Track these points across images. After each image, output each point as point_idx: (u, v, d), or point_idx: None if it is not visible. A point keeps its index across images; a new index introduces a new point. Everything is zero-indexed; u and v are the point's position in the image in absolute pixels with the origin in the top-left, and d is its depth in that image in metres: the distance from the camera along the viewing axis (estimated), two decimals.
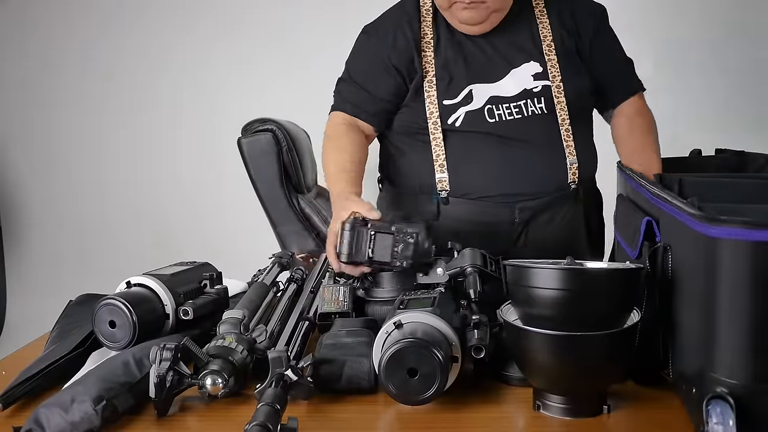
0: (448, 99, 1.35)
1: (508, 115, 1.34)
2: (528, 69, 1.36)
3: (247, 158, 2.09)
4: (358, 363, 0.86)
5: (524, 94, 1.34)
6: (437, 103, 1.35)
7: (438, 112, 1.35)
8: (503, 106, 1.34)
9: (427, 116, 1.35)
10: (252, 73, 3.06)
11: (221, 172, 2.95)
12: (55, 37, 3.15)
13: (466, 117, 1.34)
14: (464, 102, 1.35)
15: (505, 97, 1.34)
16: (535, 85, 1.35)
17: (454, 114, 1.35)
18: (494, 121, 1.33)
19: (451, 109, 1.35)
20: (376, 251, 0.98)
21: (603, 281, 0.80)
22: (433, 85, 1.36)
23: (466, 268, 1.01)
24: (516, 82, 1.35)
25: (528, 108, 1.34)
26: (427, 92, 1.36)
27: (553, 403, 0.80)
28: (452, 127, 1.35)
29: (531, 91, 1.34)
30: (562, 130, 1.35)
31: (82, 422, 0.77)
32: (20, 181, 3.29)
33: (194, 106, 3.11)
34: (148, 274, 1.05)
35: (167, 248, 2.19)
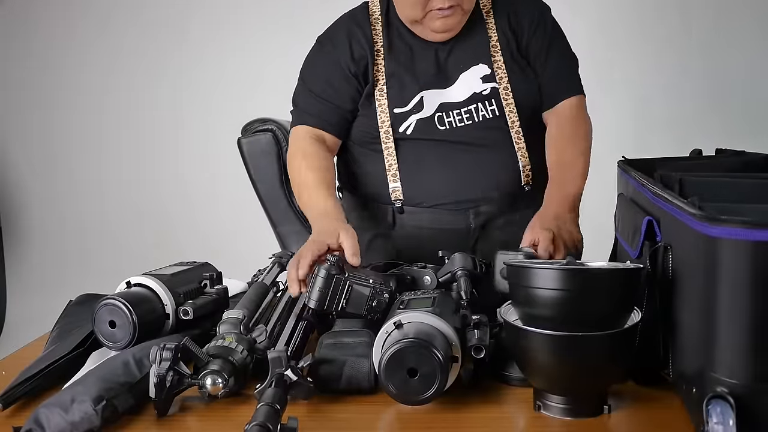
0: (399, 107, 1.34)
1: (458, 121, 1.34)
2: (476, 72, 1.35)
3: (247, 158, 2.09)
4: (358, 363, 0.86)
5: (474, 98, 1.34)
6: (388, 112, 1.34)
7: (389, 120, 1.34)
8: (453, 112, 1.34)
9: (378, 125, 1.35)
10: (252, 73, 3.06)
11: (221, 172, 2.95)
12: (54, 37, 3.15)
13: (417, 125, 1.34)
14: (415, 109, 1.34)
15: (454, 102, 1.34)
16: (483, 87, 1.35)
17: (405, 122, 1.34)
18: (445, 129, 1.33)
19: (402, 117, 1.34)
20: (350, 303, 0.94)
21: (603, 281, 0.79)
22: (384, 93, 1.35)
23: (456, 271, 1.01)
24: (465, 87, 1.35)
25: (479, 113, 1.34)
26: (378, 101, 1.35)
27: (553, 404, 0.80)
28: (404, 135, 1.34)
29: (480, 94, 1.34)
30: (513, 133, 1.34)
31: (82, 422, 0.77)
32: (20, 181, 3.29)
33: (194, 106, 3.11)
34: (148, 274, 1.05)
35: (167, 248, 2.20)
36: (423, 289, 1.01)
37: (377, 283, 0.95)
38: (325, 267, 0.94)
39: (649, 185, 0.90)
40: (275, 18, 3.04)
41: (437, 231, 1.36)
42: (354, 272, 0.97)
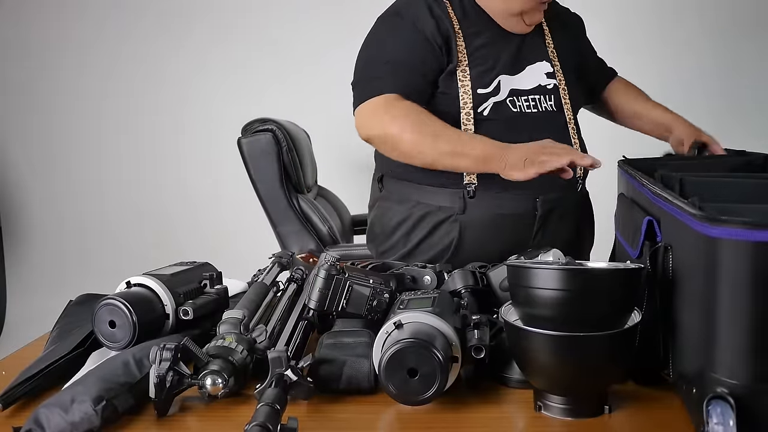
0: (482, 88, 1.35)
1: (526, 108, 1.37)
2: (541, 67, 1.41)
3: (247, 158, 2.09)
4: (358, 363, 0.85)
5: (538, 89, 1.39)
6: (471, 93, 1.34)
7: (472, 101, 1.34)
8: (522, 98, 1.37)
9: (461, 105, 1.34)
10: (252, 73, 3.07)
11: (221, 172, 2.95)
12: (54, 39, 3.15)
13: (493, 107, 1.36)
14: (494, 93, 1.36)
15: (522, 89, 1.38)
16: (548, 82, 1.40)
17: (484, 103, 1.35)
18: (516, 112, 1.36)
19: (483, 99, 1.35)
20: (350, 303, 0.94)
21: (603, 281, 0.80)
22: (468, 73, 1.35)
23: (460, 290, 1.01)
24: (532, 77, 1.39)
25: (541, 103, 1.38)
26: (461, 81, 1.35)
27: (553, 404, 0.80)
28: (481, 116, 1.35)
29: (545, 87, 1.40)
30: (570, 128, 1.40)
31: (82, 422, 0.76)
32: (21, 181, 3.29)
33: (194, 107, 3.12)
34: (148, 274, 1.05)
35: (167, 248, 2.20)
36: (423, 289, 1.01)
37: (377, 283, 0.95)
38: (324, 267, 0.94)
39: (649, 185, 0.90)
40: (276, 18, 3.04)
41: (505, 217, 1.37)
42: (354, 272, 0.97)
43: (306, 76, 2.98)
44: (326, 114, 2.82)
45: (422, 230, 1.42)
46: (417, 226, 1.43)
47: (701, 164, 1.28)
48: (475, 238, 1.39)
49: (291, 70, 3.03)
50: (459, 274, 1.03)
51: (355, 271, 0.98)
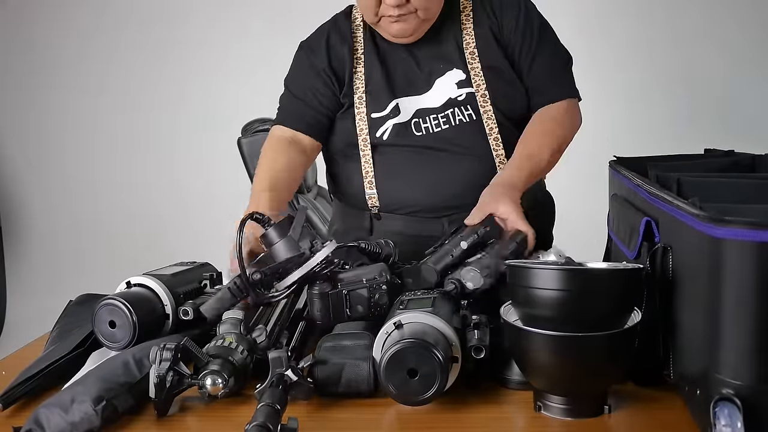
0: (376, 112, 1.35)
1: (435, 126, 1.33)
2: (451, 77, 1.34)
3: (247, 158, 2.09)
4: (357, 367, 0.85)
5: (449, 103, 1.33)
6: (366, 118, 1.34)
7: (367, 127, 1.34)
8: (430, 117, 1.33)
9: (357, 132, 1.35)
10: (252, 72, 3.06)
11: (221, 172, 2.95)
12: (51, 37, 3.15)
13: (393, 129, 1.34)
14: (392, 114, 1.34)
15: (431, 108, 1.34)
16: (459, 93, 1.33)
17: (382, 126, 1.34)
18: (421, 134, 1.33)
19: (380, 122, 1.34)
20: (353, 309, 0.94)
21: (603, 281, 0.79)
22: (363, 100, 1.35)
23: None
24: (441, 92, 1.34)
25: (455, 117, 1.33)
26: (357, 108, 1.35)
27: (553, 404, 0.80)
28: (380, 140, 1.34)
29: (456, 99, 1.33)
30: (491, 139, 1.33)
31: (82, 422, 0.77)
32: (20, 182, 3.29)
33: (194, 106, 3.12)
34: (148, 274, 1.05)
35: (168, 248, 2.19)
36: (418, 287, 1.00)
37: (371, 278, 0.94)
38: (316, 287, 0.93)
39: (645, 185, 0.90)
40: (275, 17, 3.04)
41: (413, 237, 1.33)
42: (344, 277, 0.96)
43: None
44: None
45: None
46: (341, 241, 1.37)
47: (693, 164, 1.27)
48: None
49: None
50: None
51: (343, 273, 0.97)
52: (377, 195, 1.35)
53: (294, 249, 0.98)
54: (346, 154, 1.39)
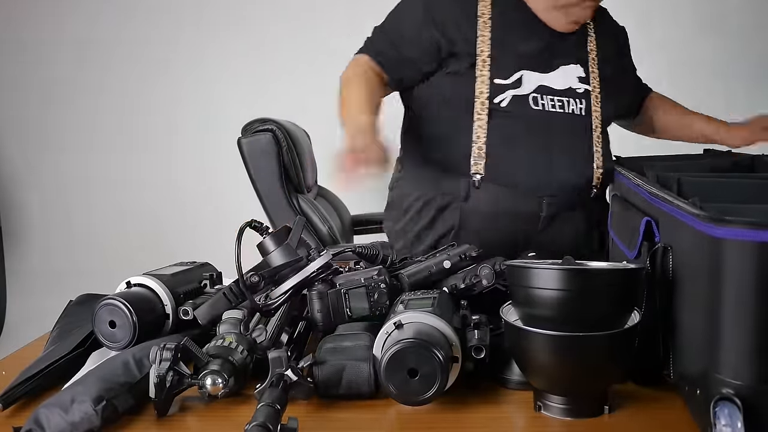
0: (500, 78, 1.34)
1: (551, 106, 1.35)
2: (574, 70, 1.39)
3: (247, 158, 2.09)
4: (357, 368, 0.85)
5: (569, 91, 1.37)
6: (488, 83, 1.34)
7: (488, 91, 1.34)
8: (548, 97, 1.36)
9: (476, 95, 1.34)
10: (252, 72, 3.06)
11: (221, 171, 2.95)
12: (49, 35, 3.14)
13: (512, 99, 1.34)
14: (514, 85, 1.35)
15: (552, 88, 1.36)
16: (579, 86, 1.38)
17: (502, 94, 1.34)
18: (538, 109, 1.35)
19: (501, 89, 1.34)
20: (353, 310, 0.93)
21: (603, 281, 0.79)
22: (487, 64, 1.35)
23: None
24: (564, 78, 1.38)
25: (569, 105, 1.37)
26: (480, 70, 1.34)
27: (553, 404, 0.80)
28: (497, 107, 1.34)
29: (575, 90, 1.38)
30: (595, 136, 1.38)
31: (82, 422, 0.77)
32: (20, 182, 3.29)
33: (194, 106, 3.11)
34: (148, 274, 1.05)
35: (168, 248, 2.19)
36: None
37: (369, 277, 0.94)
38: (315, 288, 0.94)
39: (645, 185, 0.90)
40: (276, 17, 3.04)
41: (509, 212, 1.36)
42: (343, 278, 0.96)
43: (306, 76, 2.98)
44: (326, 114, 2.81)
45: (428, 214, 1.43)
46: (423, 209, 1.44)
47: (693, 164, 1.28)
48: (474, 230, 1.37)
49: (291, 70, 3.02)
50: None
51: (344, 276, 0.97)
52: (484, 162, 1.34)
53: (291, 257, 0.98)
54: (458, 116, 1.36)
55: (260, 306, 0.93)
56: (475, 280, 0.98)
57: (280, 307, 0.95)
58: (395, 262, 1.11)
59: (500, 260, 0.99)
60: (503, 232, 1.24)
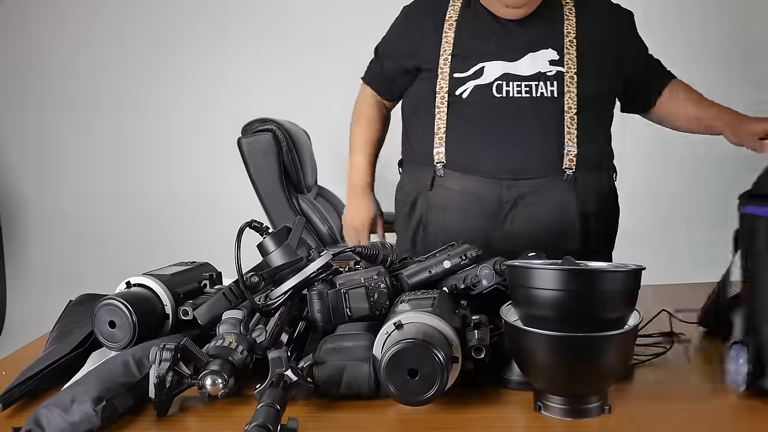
0: (459, 72, 1.40)
1: (516, 92, 1.38)
2: (545, 55, 1.40)
3: (247, 158, 2.09)
4: (357, 368, 0.85)
5: (538, 75, 1.39)
6: (448, 77, 1.40)
7: (448, 86, 1.40)
8: (514, 83, 1.38)
9: (437, 90, 1.41)
10: (252, 73, 3.06)
11: (221, 172, 2.95)
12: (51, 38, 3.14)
13: (474, 90, 1.39)
14: (474, 76, 1.39)
15: (519, 75, 1.39)
16: (549, 69, 1.39)
17: (463, 86, 1.40)
18: (501, 96, 1.38)
19: (461, 82, 1.40)
20: (353, 310, 0.93)
21: (603, 282, 0.79)
22: (448, 62, 1.41)
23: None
24: (532, 64, 1.39)
25: (538, 89, 1.38)
26: (441, 68, 1.41)
27: (553, 404, 0.80)
28: (458, 99, 1.40)
29: (545, 74, 1.39)
30: (567, 117, 1.38)
31: (81, 423, 0.76)
32: (20, 182, 3.29)
33: (194, 106, 3.11)
34: (147, 274, 1.05)
35: (168, 248, 2.19)
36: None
37: (368, 277, 0.94)
38: (315, 289, 0.93)
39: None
40: (276, 17, 3.04)
41: (470, 198, 1.40)
42: (343, 278, 0.96)
43: (306, 75, 2.98)
44: (326, 114, 2.81)
45: (407, 207, 1.52)
46: (406, 204, 1.52)
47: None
48: (441, 218, 1.44)
49: (291, 69, 3.02)
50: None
51: (343, 276, 0.97)
52: (444, 150, 1.40)
53: (291, 257, 0.98)
54: (423, 112, 1.45)
55: (260, 306, 0.93)
56: (475, 281, 0.98)
57: (280, 308, 0.95)
58: (395, 262, 1.11)
59: (500, 260, 0.99)
60: (468, 217, 1.29)
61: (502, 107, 1.38)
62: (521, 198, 1.39)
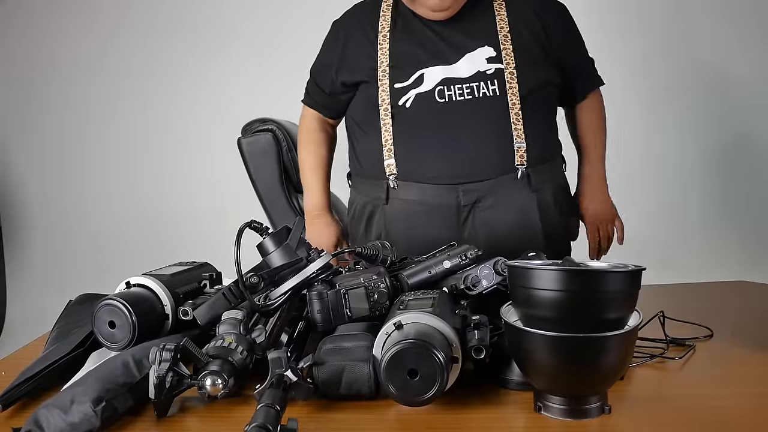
0: (399, 82, 1.39)
1: (458, 95, 1.36)
2: (482, 53, 1.39)
3: (247, 158, 2.09)
4: (357, 368, 0.85)
5: (477, 75, 1.37)
6: (389, 89, 1.39)
7: (389, 96, 1.39)
8: (455, 87, 1.37)
9: (379, 102, 1.40)
10: (252, 72, 3.06)
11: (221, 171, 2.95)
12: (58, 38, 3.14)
13: (416, 98, 1.38)
14: (415, 84, 1.38)
15: (458, 78, 1.37)
16: (488, 67, 1.38)
17: (404, 96, 1.39)
18: (444, 101, 1.37)
19: (402, 92, 1.39)
20: (353, 310, 0.93)
21: (603, 282, 0.79)
22: (386, 73, 1.40)
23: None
24: (470, 65, 1.38)
25: (479, 89, 1.37)
26: (380, 80, 1.40)
27: (553, 405, 0.79)
28: (402, 109, 1.38)
29: (484, 73, 1.38)
30: (512, 113, 1.37)
31: (81, 423, 0.76)
32: (21, 181, 3.29)
33: (194, 107, 3.11)
34: (147, 275, 1.05)
35: (168, 248, 2.19)
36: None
37: (368, 277, 0.94)
38: (314, 289, 0.93)
39: None
40: (276, 18, 3.04)
41: (428, 207, 1.39)
42: (342, 279, 0.96)
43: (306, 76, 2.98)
44: None
45: (362, 221, 1.51)
46: (361, 217, 1.51)
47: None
48: (401, 229, 1.43)
49: (291, 69, 3.02)
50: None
51: (343, 277, 0.97)
52: (395, 162, 1.39)
53: (291, 257, 0.98)
54: (368, 125, 1.44)
55: (260, 306, 0.93)
56: (475, 281, 0.98)
57: (280, 308, 0.94)
58: (395, 263, 1.11)
59: (501, 261, 0.99)
60: (427, 227, 1.27)
61: (446, 112, 1.36)
62: (478, 201, 1.38)
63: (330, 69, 1.50)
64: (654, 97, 2.95)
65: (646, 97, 2.92)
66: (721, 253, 2.93)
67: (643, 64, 2.89)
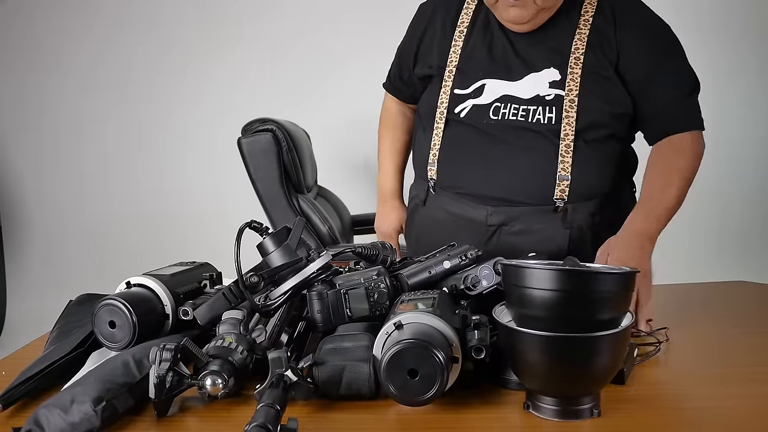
0: (460, 89, 1.36)
1: (512, 115, 1.30)
2: (547, 75, 1.30)
3: (247, 158, 2.09)
4: (357, 368, 0.85)
5: (536, 99, 1.30)
6: (449, 92, 1.37)
7: (448, 101, 1.36)
8: (512, 106, 1.31)
9: (438, 104, 1.38)
10: (252, 72, 3.06)
11: (221, 171, 2.95)
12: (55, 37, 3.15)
13: (472, 109, 1.34)
14: (474, 94, 1.35)
15: (517, 97, 1.31)
16: (548, 93, 1.29)
17: (462, 104, 1.35)
18: (496, 119, 1.32)
19: (461, 99, 1.36)
20: (353, 310, 0.93)
21: (597, 282, 0.79)
22: (452, 75, 1.37)
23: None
24: (532, 86, 1.31)
25: (534, 115, 1.29)
26: (445, 81, 1.38)
27: (545, 405, 0.79)
28: (456, 116, 1.35)
29: (543, 98, 1.29)
30: (562, 145, 1.27)
31: (81, 423, 0.77)
32: (21, 181, 3.29)
33: (194, 106, 3.11)
34: (147, 275, 1.05)
35: (168, 248, 2.20)
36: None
37: (368, 277, 0.94)
38: (314, 289, 0.94)
39: None
40: (277, 18, 3.04)
41: (456, 218, 1.38)
42: (342, 279, 0.96)
43: (306, 76, 2.98)
44: (326, 114, 2.81)
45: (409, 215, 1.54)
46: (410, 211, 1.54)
47: None
48: (430, 232, 1.43)
49: (291, 70, 3.03)
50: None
51: (343, 277, 0.97)
52: (437, 168, 1.38)
53: (291, 257, 0.98)
54: (425, 124, 1.43)
55: (260, 306, 0.93)
56: (475, 281, 0.99)
57: (280, 308, 0.95)
58: (395, 263, 1.11)
59: (500, 261, 0.99)
60: (452, 238, 1.15)
61: (496, 131, 1.31)
62: (504, 225, 1.33)
63: (409, 55, 1.48)
64: None
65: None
66: (721, 253, 2.93)
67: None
